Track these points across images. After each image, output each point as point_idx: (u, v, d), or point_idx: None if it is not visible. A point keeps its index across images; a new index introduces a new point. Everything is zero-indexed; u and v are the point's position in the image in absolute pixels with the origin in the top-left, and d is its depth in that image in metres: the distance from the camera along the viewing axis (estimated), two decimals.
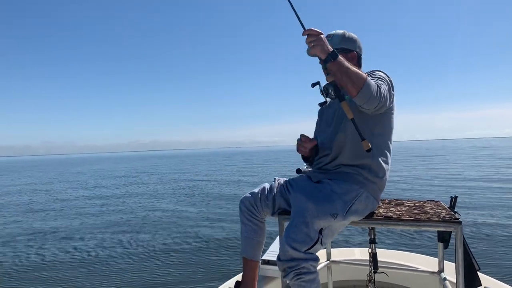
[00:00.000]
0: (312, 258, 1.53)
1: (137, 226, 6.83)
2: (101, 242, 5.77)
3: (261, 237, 1.93)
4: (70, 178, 21.84)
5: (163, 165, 37.07)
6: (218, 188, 12.82)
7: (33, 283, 4.07)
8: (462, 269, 1.57)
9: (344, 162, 1.77)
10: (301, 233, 1.53)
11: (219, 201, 9.49)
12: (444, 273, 2.05)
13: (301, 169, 2.17)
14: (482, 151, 39.25)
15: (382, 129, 1.77)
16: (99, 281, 4.03)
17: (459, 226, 1.57)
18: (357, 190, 1.70)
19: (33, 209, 9.49)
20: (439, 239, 1.93)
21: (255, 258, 1.92)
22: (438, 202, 2.04)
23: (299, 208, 1.61)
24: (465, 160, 23.70)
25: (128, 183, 16.39)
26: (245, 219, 1.91)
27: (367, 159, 1.73)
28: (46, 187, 16.55)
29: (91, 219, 7.72)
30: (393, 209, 1.89)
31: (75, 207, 9.57)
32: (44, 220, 7.85)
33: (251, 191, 1.93)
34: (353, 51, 1.85)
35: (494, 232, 5.56)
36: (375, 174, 1.74)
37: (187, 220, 7.20)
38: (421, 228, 1.65)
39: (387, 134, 1.79)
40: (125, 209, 8.99)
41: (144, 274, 4.20)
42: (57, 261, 4.83)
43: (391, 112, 1.78)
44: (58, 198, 11.78)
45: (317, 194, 1.65)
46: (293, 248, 1.50)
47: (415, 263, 2.45)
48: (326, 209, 1.58)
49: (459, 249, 1.58)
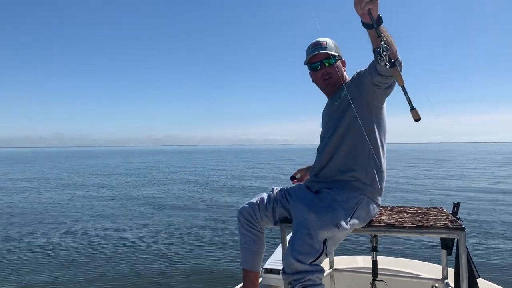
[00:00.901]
0: (318, 270, 1.51)
1: (127, 228, 6.79)
2: (89, 239, 5.78)
3: (261, 247, 1.92)
4: (83, 170, 22.24)
5: (172, 161, 37.26)
6: (220, 193, 12.78)
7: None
8: (466, 276, 1.56)
9: (339, 168, 1.78)
10: (305, 245, 1.51)
11: (220, 209, 9.46)
12: (447, 280, 2.04)
13: (295, 176, 2.20)
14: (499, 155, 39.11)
15: (377, 129, 1.77)
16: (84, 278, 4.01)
17: (462, 232, 1.57)
18: (357, 197, 1.70)
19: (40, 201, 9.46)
20: (442, 246, 1.93)
21: (255, 269, 1.91)
22: (440, 209, 2.04)
23: (301, 219, 1.59)
24: (480, 165, 23.53)
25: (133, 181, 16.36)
26: (244, 230, 1.90)
27: (362, 164, 1.74)
28: (55, 178, 17.03)
29: (92, 217, 7.68)
30: (395, 216, 1.88)
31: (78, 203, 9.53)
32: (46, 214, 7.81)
33: (249, 202, 1.93)
34: (342, 58, 1.92)
35: (495, 238, 5.53)
36: (372, 177, 1.75)
37: (186, 223, 7.16)
38: (424, 235, 1.65)
39: (382, 135, 1.80)
40: (125, 209, 8.94)
41: (137, 280, 4.17)
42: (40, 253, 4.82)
43: (383, 111, 1.79)
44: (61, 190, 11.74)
45: (318, 204, 1.65)
46: (298, 260, 1.48)
47: (419, 271, 2.44)
48: (329, 220, 1.57)
49: (462, 255, 1.57)
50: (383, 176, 1.79)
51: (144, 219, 7.82)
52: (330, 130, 1.83)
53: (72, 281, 4.20)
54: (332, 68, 1.85)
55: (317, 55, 1.85)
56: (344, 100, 1.79)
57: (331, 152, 1.80)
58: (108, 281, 4.19)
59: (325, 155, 1.82)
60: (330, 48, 1.86)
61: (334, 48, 1.88)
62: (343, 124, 1.77)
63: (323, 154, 1.84)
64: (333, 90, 1.91)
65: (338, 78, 1.87)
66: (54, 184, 15.52)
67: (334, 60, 1.85)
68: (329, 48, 1.85)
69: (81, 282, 4.16)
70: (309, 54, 1.88)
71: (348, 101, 1.74)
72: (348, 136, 1.77)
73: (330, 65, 1.85)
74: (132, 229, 6.89)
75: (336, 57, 1.86)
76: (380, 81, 1.56)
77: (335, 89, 1.90)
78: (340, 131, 1.78)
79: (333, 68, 1.86)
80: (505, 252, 4.85)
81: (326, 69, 1.85)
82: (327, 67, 1.85)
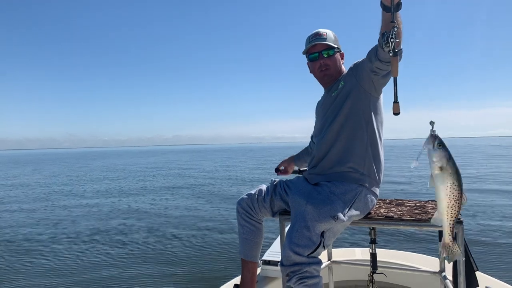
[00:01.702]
0: (315, 262, 1.52)
1: (121, 230, 6.84)
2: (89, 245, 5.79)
3: (259, 238, 1.93)
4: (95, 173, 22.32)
5: (180, 160, 37.34)
6: (224, 187, 12.83)
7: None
8: (463, 269, 1.57)
9: (338, 159, 1.77)
10: (303, 237, 1.51)
11: (220, 201, 9.49)
12: (445, 273, 2.05)
13: (279, 168, 2.28)
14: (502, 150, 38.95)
15: (374, 120, 1.78)
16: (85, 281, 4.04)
17: (460, 226, 1.57)
18: (355, 188, 1.71)
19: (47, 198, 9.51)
20: (440, 239, 1.93)
21: (253, 259, 1.93)
22: None
23: (299, 211, 1.60)
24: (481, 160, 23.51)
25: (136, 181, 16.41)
26: (243, 221, 1.91)
27: (360, 154, 1.74)
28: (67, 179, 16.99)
29: (97, 216, 7.73)
30: (394, 209, 1.89)
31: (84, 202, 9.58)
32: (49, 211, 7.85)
33: (247, 193, 1.94)
34: (341, 51, 1.92)
35: (494, 231, 5.55)
36: (370, 168, 1.75)
37: (186, 219, 7.20)
38: (422, 228, 1.65)
39: (379, 125, 1.81)
40: (124, 209, 8.99)
41: (137, 275, 4.20)
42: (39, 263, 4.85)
43: (380, 102, 1.79)
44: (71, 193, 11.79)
45: (316, 196, 1.65)
46: (295, 252, 1.49)
47: (416, 263, 2.45)
48: (326, 212, 1.57)
49: (460, 248, 1.57)
50: (381, 167, 1.80)
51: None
52: (328, 121, 1.83)
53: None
54: (330, 59, 1.85)
55: (316, 45, 1.85)
56: (341, 91, 1.79)
57: (329, 143, 1.80)
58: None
59: (323, 147, 1.82)
60: (330, 39, 1.85)
61: (333, 39, 1.87)
62: (341, 114, 1.77)
63: (321, 145, 1.84)
64: (329, 81, 1.90)
65: (335, 70, 1.87)
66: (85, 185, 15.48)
67: (333, 52, 1.85)
68: (328, 39, 1.85)
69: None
70: (308, 44, 1.88)
71: (346, 92, 1.75)
72: (346, 126, 1.76)
73: (329, 56, 1.85)
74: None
75: (335, 49, 1.86)
76: (378, 66, 1.55)
77: (331, 80, 1.90)
78: (338, 122, 1.78)
79: (331, 60, 1.85)
80: (504, 246, 4.87)
81: (324, 60, 1.85)
82: (325, 58, 1.85)
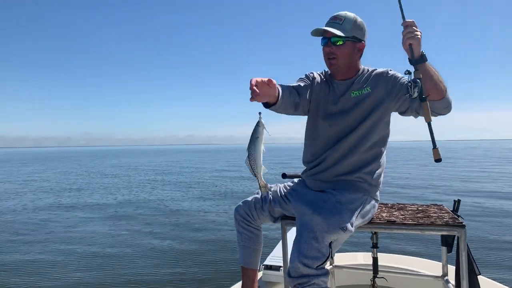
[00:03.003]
0: (323, 273, 1.49)
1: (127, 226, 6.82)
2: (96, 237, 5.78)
3: (258, 244, 1.90)
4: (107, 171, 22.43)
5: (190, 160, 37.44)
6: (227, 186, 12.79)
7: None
8: (466, 273, 1.57)
9: (349, 169, 1.72)
10: (312, 249, 1.47)
11: (224, 201, 9.46)
12: (447, 277, 2.04)
13: (286, 174, 2.10)
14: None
15: (389, 132, 1.78)
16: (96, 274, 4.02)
17: (463, 230, 1.57)
18: (361, 198, 1.69)
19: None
20: (443, 243, 1.93)
21: (253, 267, 1.91)
22: (441, 206, 2.04)
23: (305, 221, 1.54)
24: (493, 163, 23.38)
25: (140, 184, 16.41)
26: (241, 228, 1.89)
27: (371, 165, 1.72)
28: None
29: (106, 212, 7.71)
30: (396, 213, 1.88)
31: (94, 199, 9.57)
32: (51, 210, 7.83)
33: (244, 200, 1.91)
34: (362, 41, 1.73)
35: (496, 235, 5.52)
36: (376, 178, 1.75)
37: (189, 223, 7.18)
38: (424, 232, 1.65)
39: (386, 137, 1.79)
40: (126, 205, 8.97)
41: (138, 275, 4.18)
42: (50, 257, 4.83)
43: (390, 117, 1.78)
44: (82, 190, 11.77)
45: (322, 205, 1.59)
46: (304, 264, 1.46)
47: (419, 268, 2.44)
48: (335, 223, 1.52)
49: (463, 252, 1.57)
50: (382, 173, 1.80)
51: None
52: (346, 130, 1.72)
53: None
54: (339, 49, 1.68)
55: (328, 31, 1.67)
56: (366, 98, 1.70)
57: (344, 153, 1.72)
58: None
59: (335, 156, 1.73)
60: (345, 27, 1.66)
61: (350, 27, 1.67)
62: (363, 127, 1.69)
63: (333, 154, 1.74)
64: (338, 73, 1.78)
65: (344, 62, 1.71)
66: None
67: (342, 42, 1.67)
68: (343, 26, 1.66)
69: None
70: (323, 26, 1.72)
71: (372, 103, 1.70)
72: (365, 140, 1.70)
73: (336, 46, 1.68)
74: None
75: (346, 39, 1.67)
76: (444, 113, 1.61)
77: (340, 73, 1.77)
78: (358, 134, 1.70)
79: (340, 50, 1.68)
80: (507, 250, 4.84)
81: (332, 48, 1.69)
82: (333, 47, 1.68)
